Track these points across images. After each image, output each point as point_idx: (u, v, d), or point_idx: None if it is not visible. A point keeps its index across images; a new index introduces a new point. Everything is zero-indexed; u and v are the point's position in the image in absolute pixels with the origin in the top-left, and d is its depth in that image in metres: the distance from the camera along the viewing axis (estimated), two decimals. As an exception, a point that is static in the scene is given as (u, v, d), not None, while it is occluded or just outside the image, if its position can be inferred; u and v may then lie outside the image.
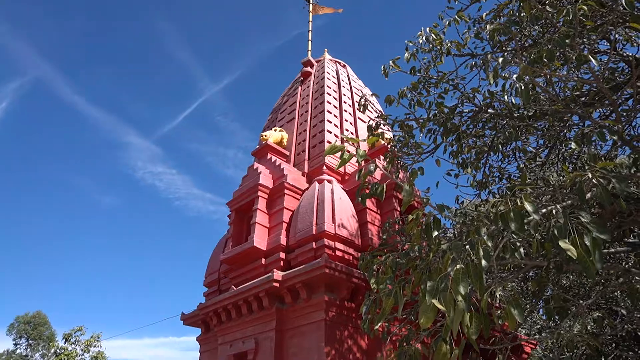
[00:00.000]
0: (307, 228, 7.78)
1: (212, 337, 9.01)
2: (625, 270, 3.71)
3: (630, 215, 4.06)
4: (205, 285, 9.82)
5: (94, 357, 19.50)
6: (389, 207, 8.45)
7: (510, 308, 2.52)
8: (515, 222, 2.40)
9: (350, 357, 6.91)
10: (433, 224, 3.15)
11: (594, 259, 2.18)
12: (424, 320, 2.31)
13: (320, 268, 6.78)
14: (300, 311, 7.22)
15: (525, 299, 8.07)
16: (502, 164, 6.60)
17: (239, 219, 9.24)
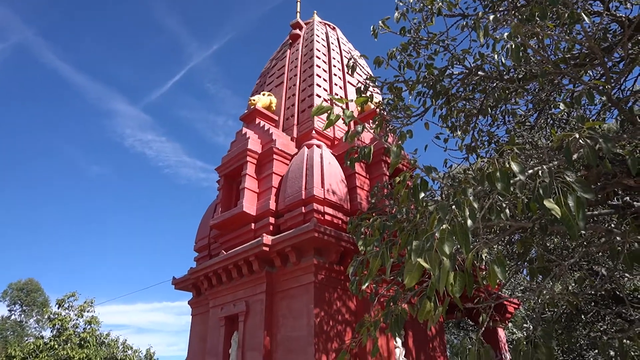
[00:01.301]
0: (296, 193, 7.78)
1: (203, 301, 9.15)
2: (608, 230, 3.77)
3: (615, 177, 4.10)
4: (196, 250, 9.88)
5: (87, 321, 19.75)
6: (378, 172, 8.46)
7: (494, 266, 2.55)
8: (502, 182, 2.39)
9: (339, 319, 7.08)
10: (420, 185, 3.14)
11: (577, 218, 2.20)
12: (408, 279, 2.34)
13: (310, 232, 6.83)
14: (289, 274, 7.33)
15: (510, 261, 8.26)
16: (491, 127, 6.59)
17: (228, 184, 9.20)
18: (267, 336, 7.13)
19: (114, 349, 19.66)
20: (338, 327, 6.97)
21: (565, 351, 14.05)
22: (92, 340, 19.13)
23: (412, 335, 8.02)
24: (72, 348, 18.11)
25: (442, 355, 8.68)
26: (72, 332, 19.23)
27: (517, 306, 11.05)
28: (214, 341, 8.08)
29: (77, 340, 18.88)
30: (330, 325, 6.87)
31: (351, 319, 7.20)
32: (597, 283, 5.48)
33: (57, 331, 19.41)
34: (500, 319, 10.45)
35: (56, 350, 18.13)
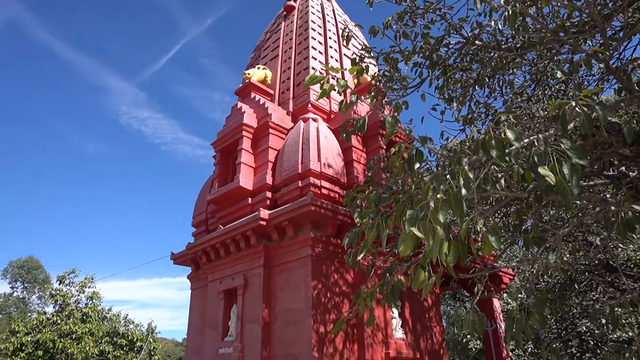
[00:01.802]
0: (293, 167, 7.76)
1: (202, 275, 9.24)
2: (602, 200, 3.78)
3: (611, 146, 4.08)
4: (194, 226, 9.91)
5: (89, 297, 20.02)
6: (375, 145, 8.42)
7: (488, 235, 2.56)
8: (497, 149, 2.38)
9: (337, 291, 7.17)
10: (415, 156, 3.12)
11: (571, 185, 2.19)
12: (402, 248, 2.34)
13: (306, 206, 6.85)
14: (287, 248, 7.38)
15: (505, 233, 8.33)
16: (488, 99, 6.52)
17: (224, 159, 9.16)
18: (266, 308, 7.24)
19: (116, 323, 19.99)
20: (335, 299, 7.07)
21: (559, 320, 14.36)
22: (94, 315, 19.44)
23: (409, 306, 8.15)
24: (74, 323, 18.40)
25: (438, 325, 8.85)
26: (74, 307, 19.51)
27: (512, 277, 11.22)
28: (213, 314, 8.20)
29: (79, 315, 19.17)
30: (327, 297, 6.96)
31: (348, 290, 7.30)
32: (591, 252, 5.54)
33: (59, 307, 19.70)
34: (496, 290, 10.62)
35: (59, 325, 18.43)
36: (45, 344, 17.90)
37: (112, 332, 19.49)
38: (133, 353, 19.18)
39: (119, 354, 18.72)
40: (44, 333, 17.96)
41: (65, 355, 18.10)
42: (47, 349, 18.27)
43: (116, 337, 19.22)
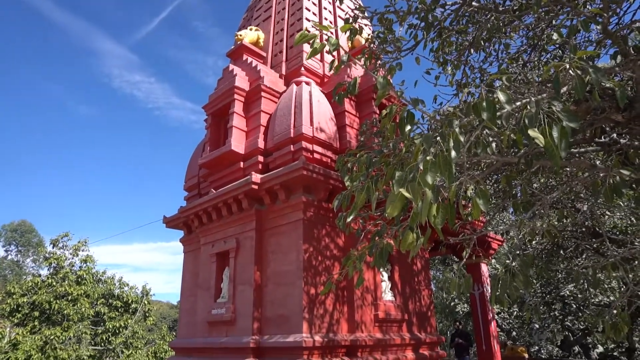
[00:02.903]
0: (285, 131, 7.69)
1: (194, 239, 9.31)
2: (592, 165, 3.80)
3: (604, 112, 4.07)
4: (186, 190, 9.90)
5: (83, 260, 20.17)
6: (368, 110, 8.34)
7: (476, 198, 2.57)
8: (488, 112, 2.35)
9: (328, 254, 7.28)
10: (407, 118, 3.09)
11: (560, 148, 2.19)
12: (390, 209, 2.35)
13: (298, 170, 6.84)
14: (279, 212, 7.42)
15: (495, 199, 8.41)
16: (483, 64, 6.42)
17: (216, 122, 9.06)
18: (258, 271, 7.34)
19: (110, 285, 20.24)
20: (326, 262, 7.18)
21: (544, 284, 14.78)
22: (89, 278, 19.66)
23: (398, 270, 8.31)
24: (69, 285, 18.61)
25: (426, 288, 9.06)
26: (68, 270, 19.68)
27: (501, 243, 11.43)
28: (206, 276, 8.32)
29: (74, 277, 19.37)
30: (318, 260, 7.07)
31: (339, 254, 7.40)
32: (578, 219, 5.62)
33: (53, 269, 19.87)
34: (484, 255, 10.84)
35: (54, 287, 18.64)
36: (41, 305, 18.15)
37: (107, 294, 19.76)
38: (128, 314, 19.52)
39: (114, 315, 19.06)
40: (40, 295, 18.19)
41: (61, 316, 18.42)
42: (43, 310, 18.56)
43: (111, 299, 19.50)
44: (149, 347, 19.83)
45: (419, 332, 8.34)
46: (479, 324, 10.85)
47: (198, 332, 8.10)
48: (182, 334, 9.02)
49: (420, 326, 8.46)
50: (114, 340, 18.50)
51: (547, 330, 16.40)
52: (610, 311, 4.08)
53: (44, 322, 18.60)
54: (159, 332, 22.64)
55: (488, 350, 10.49)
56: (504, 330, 17.08)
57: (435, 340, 8.59)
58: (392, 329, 7.80)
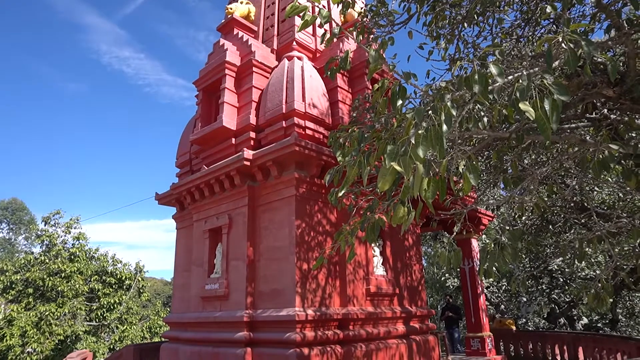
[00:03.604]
0: (277, 107, 7.63)
1: (187, 215, 9.32)
2: (581, 140, 3.83)
3: (595, 87, 4.07)
4: (177, 166, 9.85)
5: (75, 237, 20.16)
6: (361, 86, 8.28)
7: (467, 172, 2.59)
8: (480, 84, 2.34)
9: (320, 230, 7.33)
10: (398, 92, 3.07)
11: (551, 121, 2.19)
12: (382, 183, 2.36)
13: (290, 146, 6.82)
14: (271, 188, 7.43)
15: (487, 175, 8.48)
16: (476, 39, 6.36)
17: (207, 98, 8.95)
18: (250, 247, 7.40)
19: (104, 262, 20.29)
20: (319, 237, 7.24)
21: (532, 259, 15.07)
22: (82, 255, 19.68)
23: (390, 245, 8.41)
24: (62, 262, 18.64)
25: (418, 263, 9.20)
26: (61, 247, 19.68)
27: (491, 219, 11.58)
28: (199, 252, 8.36)
29: (67, 255, 19.40)
30: (311, 236, 7.12)
31: (331, 230, 7.46)
32: (566, 194, 5.69)
33: (46, 247, 19.86)
34: (474, 230, 10.99)
35: (47, 265, 18.67)
36: (35, 282, 18.21)
37: (101, 271, 19.83)
38: (122, 291, 19.66)
39: (108, 291, 19.18)
40: (33, 272, 18.22)
41: (55, 292, 18.51)
42: (37, 287, 18.63)
43: (105, 276, 19.59)
44: (143, 322, 20.07)
45: (409, 305, 8.51)
46: (468, 297, 11.09)
47: (192, 307, 8.20)
48: (176, 309, 9.13)
49: (411, 300, 8.62)
50: (109, 316, 18.69)
51: (534, 303, 16.81)
52: (595, 283, 4.19)
53: (38, 298, 18.69)
54: (153, 308, 22.87)
55: (477, 323, 10.76)
56: (492, 303, 17.49)
57: (425, 314, 8.78)
58: (384, 302, 7.95)
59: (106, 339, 19.03)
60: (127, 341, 17.79)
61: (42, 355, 16.60)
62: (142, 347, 10.66)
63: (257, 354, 6.73)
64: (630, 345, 8.43)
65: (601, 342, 10.01)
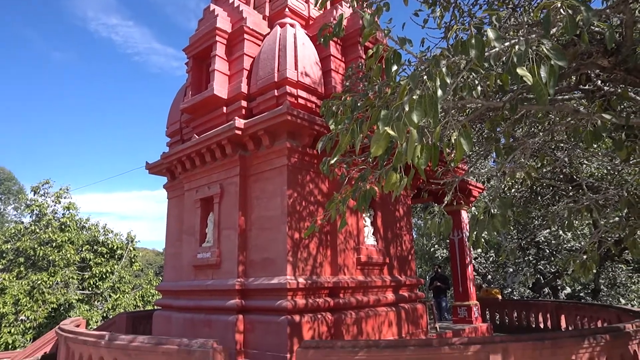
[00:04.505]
0: (269, 75, 7.50)
1: (178, 185, 9.27)
2: (575, 110, 3.83)
3: (590, 57, 4.04)
4: (168, 135, 9.73)
5: (65, 207, 20.04)
6: (354, 55, 8.14)
7: (460, 139, 2.58)
8: (476, 49, 2.30)
9: (312, 200, 7.35)
10: (393, 58, 3.02)
11: (548, 86, 2.18)
12: (375, 148, 2.34)
13: (282, 115, 6.74)
14: (263, 157, 7.38)
15: (479, 147, 8.50)
16: (472, 7, 6.24)
17: (198, 66, 8.76)
18: (242, 216, 7.41)
19: (95, 232, 20.27)
20: (310, 207, 7.27)
21: (520, 230, 15.33)
22: (73, 225, 19.62)
23: (381, 215, 8.48)
24: (53, 232, 18.59)
25: (408, 234, 9.31)
26: (51, 217, 19.59)
27: (481, 190, 11.69)
28: (190, 222, 8.37)
29: (58, 224, 19.32)
30: (302, 205, 7.14)
31: (323, 200, 7.48)
32: (556, 166, 5.74)
33: (36, 217, 19.75)
34: (465, 202, 11.10)
35: (38, 234, 18.61)
36: (26, 251, 18.19)
37: (92, 241, 19.83)
38: (114, 260, 19.73)
39: (100, 260, 19.25)
40: (24, 241, 18.18)
41: (47, 262, 18.54)
42: (28, 256, 18.63)
43: (96, 246, 19.61)
44: (136, 291, 20.26)
45: (399, 274, 8.65)
46: (456, 268, 11.31)
47: (184, 276, 8.27)
48: (168, 278, 9.20)
49: (400, 269, 8.76)
50: (102, 285, 18.82)
51: (520, 273, 17.22)
52: (580, 253, 4.27)
53: (29, 267, 18.72)
54: (146, 278, 23.05)
55: (464, 292, 11.02)
56: (480, 274, 17.88)
57: (414, 283, 8.95)
58: (374, 271, 8.07)
59: (99, 307, 19.22)
60: (120, 309, 17.99)
61: (36, 322, 16.76)
62: (134, 314, 10.80)
63: (248, 321, 6.84)
64: (611, 313, 8.70)
65: (583, 310, 10.32)
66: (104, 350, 5.31)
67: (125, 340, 5.14)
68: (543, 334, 5.10)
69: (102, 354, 5.36)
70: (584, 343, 4.64)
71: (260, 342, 6.60)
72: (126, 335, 5.37)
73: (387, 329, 7.78)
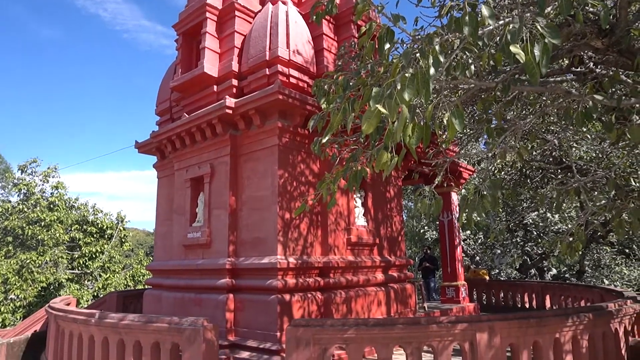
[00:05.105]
0: (260, 53, 7.38)
1: (168, 164, 9.19)
2: (566, 91, 3.83)
3: (584, 37, 4.02)
4: (157, 114, 9.60)
5: (54, 186, 19.83)
6: (347, 34, 8.03)
7: (452, 118, 2.56)
8: (470, 26, 2.27)
9: (303, 180, 7.33)
10: (386, 35, 2.97)
11: (540, 65, 2.16)
12: (366, 125, 2.32)
13: (274, 94, 6.66)
14: (254, 137, 7.32)
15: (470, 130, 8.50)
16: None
17: (187, 43, 8.59)
18: (233, 196, 7.38)
19: (84, 212, 20.12)
20: (301, 188, 7.26)
21: (509, 213, 15.52)
22: (61, 204, 19.45)
23: (372, 196, 8.50)
24: (41, 211, 18.42)
25: (398, 215, 9.36)
26: (39, 196, 19.38)
27: (472, 173, 11.76)
28: (180, 201, 8.33)
29: (46, 204, 19.14)
30: (293, 186, 7.13)
31: (314, 180, 7.47)
32: (546, 147, 5.77)
33: (23, 196, 19.52)
34: (455, 184, 11.17)
35: (26, 213, 18.43)
36: (14, 230, 18.04)
37: (81, 221, 19.68)
38: (104, 240, 19.65)
39: (89, 240, 19.15)
40: (12, 220, 18.01)
41: (35, 241, 18.41)
42: (16, 235, 18.48)
43: (86, 225, 19.47)
44: (126, 271, 20.25)
45: (389, 255, 8.74)
46: (445, 249, 11.45)
47: (174, 255, 8.27)
48: (158, 257, 9.20)
49: (390, 250, 8.84)
50: (92, 265, 18.77)
51: (508, 255, 17.50)
52: (566, 236, 4.33)
53: (18, 247, 18.60)
54: (136, 258, 23.04)
55: (452, 273, 11.18)
56: (468, 255, 18.13)
57: (404, 263, 9.04)
58: (364, 252, 8.14)
59: (89, 287, 19.22)
60: (111, 289, 18.01)
61: (26, 301, 16.74)
62: (125, 293, 10.82)
63: (239, 300, 6.89)
64: (594, 293, 8.89)
65: (567, 290, 10.54)
66: (94, 329, 5.32)
67: (116, 319, 5.14)
68: (528, 313, 5.20)
69: (93, 332, 5.37)
70: (568, 321, 4.74)
71: (251, 321, 6.66)
72: (116, 314, 5.38)
73: (376, 308, 7.89)
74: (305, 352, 4.27)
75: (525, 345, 4.56)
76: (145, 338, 4.91)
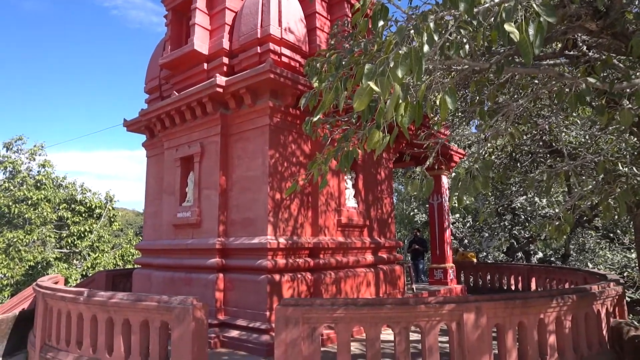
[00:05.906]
0: (252, 31, 7.24)
1: (157, 143, 9.07)
2: (559, 74, 3.81)
3: (579, 19, 3.99)
4: (147, 92, 9.43)
5: (41, 165, 19.54)
6: (340, 13, 7.91)
7: (445, 97, 2.54)
8: (465, 2, 2.23)
9: (294, 160, 7.29)
10: (380, 12, 2.91)
11: (534, 45, 2.13)
12: (358, 103, 2.29)
13: (265, 73, 6.57)
14: (244, 117, 7.24)
15: (462, 113, 8.50)
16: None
17: (177, 19, 8.40)
18: (223, 176, 7.33)
19: (72, 191, 19.91)
20: (292, 168, 7.22)
21: (498, 196, 15.66)
22: (49, 183, 19.21)
23: (362, 178, 8.50)
24: (28, 189, 18.19)
25: (388, 197, 9.40)
26: (26, 174, 19.12)
27: (462, 156, 11.80)
28: (170, 181, 8.25)
29: (33, 182, 18.89)
30: (284, 166, 7.09)
31: (305, 161, 7.44)
32: (537, 132, 5.79)
33: (9, 174, 19.24)
34: (445, 167, 11.22)
35: (12, 192, 18.19)
36: (0, 208, 17.82)
37: (69, 200, 19.49)
38: (92, 219, 19.51)
39: (78, 219, 19.00)
40: (-3, 199, 17.78)
41: (22, 219, 18.22)
42: (2, 214, 18.26)
43: (74, 204, 19.29)
44: (115, 250, 20.18)
45: (379, 237, 8.79)
46: (435, 231, 11.56)
47: (164, 235, 8.23)
48: (147, 237, 9.16)
49: (380, 232, 8.89)
50: (80, 244, 18.67)
51: (495, 238, 17.74)
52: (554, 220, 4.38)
53: (4, 225, 18.40)
54: (126, 237, 22.96)
55: (441, 255, 11.31)
56: (457, 238, 18.34)
57: (393, 245, 9.11)
58: (354, 233, 8.17)
59: (78, 266, 19.14)
60: (100, 268, 17.96)
61: (13, 280, 16.65)
62: (114, 272, 10.79)
63: (229, 279, 6.91)
64: (578, 276, 9.07)
65: (552, 273, 10.74)
66: (83, 307, 5.30)
67: (105, 297, 5.13)
68: (514, 294, 5.29)
69: (81, 310, 5.35)
70: (552, 302, 4.83)
71: (240, 300, 6.69)
72: (105, 292, 5.36)
73: (366, 289, 7.97)
74: (294, 331, 4.30)
75: (510, 325, 4.64)
76: (134, 316, 4.91)
